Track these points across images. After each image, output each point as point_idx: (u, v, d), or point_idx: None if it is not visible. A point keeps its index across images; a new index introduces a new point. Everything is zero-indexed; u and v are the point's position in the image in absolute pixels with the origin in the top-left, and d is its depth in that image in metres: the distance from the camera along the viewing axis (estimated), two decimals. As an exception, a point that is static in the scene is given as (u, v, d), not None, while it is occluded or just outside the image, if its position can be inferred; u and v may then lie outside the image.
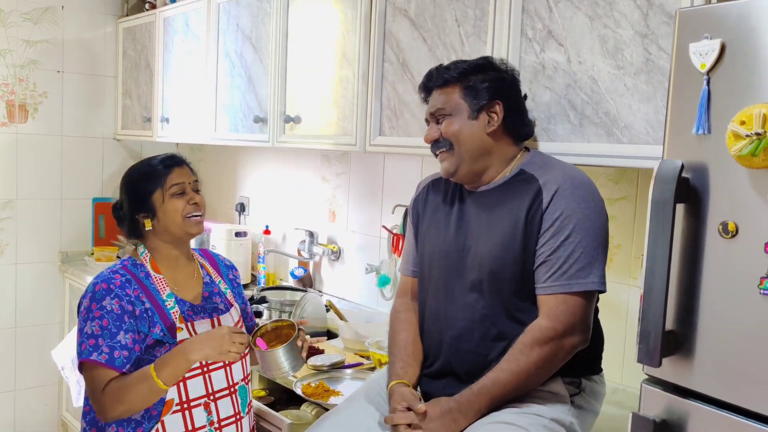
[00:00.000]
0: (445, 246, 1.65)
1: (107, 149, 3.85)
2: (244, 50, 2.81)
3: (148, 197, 1.75)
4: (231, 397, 1.76)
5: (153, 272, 1.74)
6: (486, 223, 1.59)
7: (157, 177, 1.76)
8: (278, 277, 3.30)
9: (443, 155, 1.63)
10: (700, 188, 1.15)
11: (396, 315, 1.77)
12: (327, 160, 3.05)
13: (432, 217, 1.73)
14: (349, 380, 2.13)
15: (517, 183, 1.58)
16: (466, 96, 1.61)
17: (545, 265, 1.49)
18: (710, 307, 1.14)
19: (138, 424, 1.66)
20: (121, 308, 1.64)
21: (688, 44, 1.14)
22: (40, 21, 3.55)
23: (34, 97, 3.57)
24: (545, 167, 1.58)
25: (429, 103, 1.68)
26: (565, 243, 1.47)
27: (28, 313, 3.64)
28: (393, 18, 2.15)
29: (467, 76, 1.62)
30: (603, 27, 1.61)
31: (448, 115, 1.62)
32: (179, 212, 1.75)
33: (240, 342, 1.62)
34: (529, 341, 1.47)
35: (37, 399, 3.68)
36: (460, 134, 1.60)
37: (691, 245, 1.16)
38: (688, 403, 1.17)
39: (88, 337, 1.61)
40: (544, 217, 1.50)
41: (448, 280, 1.63)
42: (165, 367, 1.59)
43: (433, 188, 1.77)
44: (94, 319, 1.62)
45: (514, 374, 1.46)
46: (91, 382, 1.62)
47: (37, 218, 3.63)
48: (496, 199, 1.60)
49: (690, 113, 1.15)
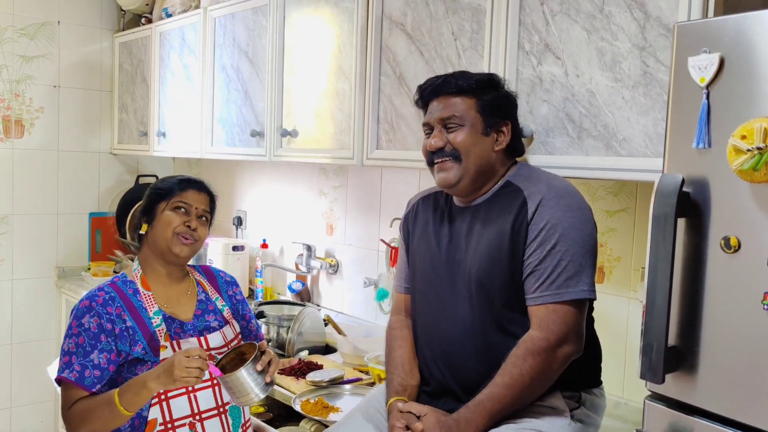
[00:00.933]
0: (435, 261, 1.65)
1: (104, 164, 3.84)
2: (240, 64, 2.81)
3: (154, 204, 1.78)
4: (220, 417, 1.73)
5: (142, 289, 1.73)
6: (474, 238, 1.59)
7: (170, 190, 1.79)
8: (276, 292, 3.28)
9: (446, 165, 1.59)
10: (701, 202, 1.14)
11: (391, 332, 1.77)
12: (324, 173, 3.05)
13: (422, 233, 1.72)
14: (348, 396, 2.11)
15: (503, 196, 1.58)
16: (482, 111, 1.59)
17: (533, 276, 1.48)
18: (713, 323, 1.13)
19: None
20: (99, 326, 1.63)
21: (686, 58, 1.14)
22: (37, 36, 3.55)
23: (30, 112, 3.56)
24: (530, 179, 1.58)
25: (433, 107, 1.63)
26: (552, 252, 1.46)
27: (23, 329, 3.61)
28: (389, 31, 2.15)
29: (483, 90, 1.60)
30: (600, 40, 1.61)
31: (460, 126, 1.58)
32: (171, 226, 1.74)
33: (194, 366, 1.49)
34: (522, 353, 1.45)
35: (33, 416, 3.65)
36: (472, 148, 1.58)
37: (692, 260, 1.15)
38: (692, 419, 1.16)
39: (64, 354, 1.63)
40: (530, 227, 1.49)
41: (438, 295, 1.63)
42: (126, 393, 1.56)
43: (423, 204, 1.77)
44: (71, 336, 1.63)
45: (508, 388, 1.44)
46: (63, 399, 1.64)
47: (33, 233, 3.62)
48: (484, 212, 1.60)
49: (690, 127, 1.14)
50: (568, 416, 1.52)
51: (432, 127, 1.63)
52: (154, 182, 1.89)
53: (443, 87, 1.61)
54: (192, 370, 1.49)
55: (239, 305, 1.92)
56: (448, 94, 1.60)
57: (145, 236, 1.79)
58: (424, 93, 1.66)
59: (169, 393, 1.65)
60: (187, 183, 1.81)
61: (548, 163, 1.70)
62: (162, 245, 1.75)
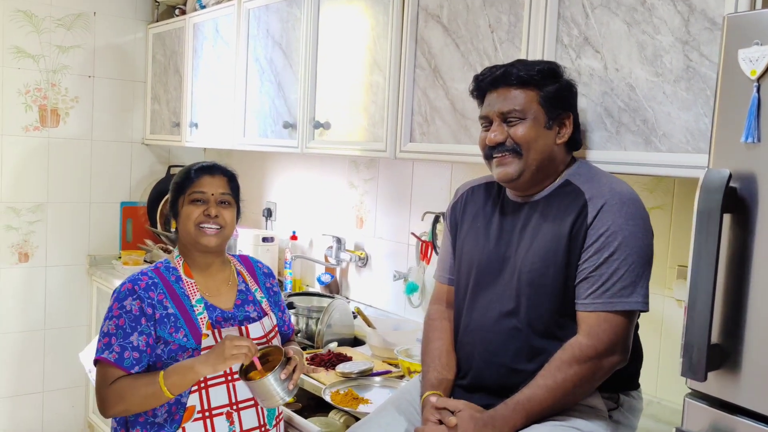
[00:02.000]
0: (485, 256, 1.61)
1: (136, 154, 3.88)
2: (273, 56, 2.82)
3: (176, 199, 1.80)
4: (256, 409, 1.75)
5: (185, 276, 1.74)
6: (528, 235, 1.55)
7: (184, 182, 1.78)
8: (305, 283, 3.29)
9: (506, 159, 1.54)
10: (748, 198, 1.11)
11: (430, 323, 1.75)
12: (355, 166, 3.05)
13: (471, 225, 1.69)
14: (378, 388, 2.11)
15: (563, 195, 1.54)
16: (544, 103, 1.53)
17: (587, 282, 1.45)
18: (759, 321, 1.10)
19: (160, 427, 1.66)
20: (140, 310, 1.64)
21: (736, 50, 1.11)
22: (73, 27, 3.59)
23: (65, 101, 3.61)
24: (592, 180, 1.53)
25: (492, 100, 1.57)
26: (609, 260, 1.43)
27: (56, 316, 3.68)
28: (425, 24, 2.14)
29: (545, 81, 1.54)
30: (641, 33, 1.59)
31: (522, 119, 1.53)
32: (191, 219, 1.74)
33: (243, 344, 1.58)
34: (568, 358, 1.43)
35: (65, 401, 3.71)
36: (534, 142, 1.53)
37: (738, 257, 1.13)
38: (733, 419, 1.13)
39: (104, 336, 1.64)
40: (589, 232, 1.46)
41: (485, 290, 1.60)
42: (173, 376, 1.59)
43: (472, 195, 1.73)
44: (112, 318, 1.64)
45: (550, 391, 1.42)
46: (100, 377, 1.64)
47: (66, 222, 3.67)
48: (541, 210, 1.55)
49: (738, 121, 1.12)
50: (606, 416, 1.51)
51: (491, 120, 1.57)
52: (174, 178, 1.86)
53: (503, 78, 1.55)
54: (242, 347, 1.58)
55: (276, 297, 1.93)
56: (509, 86, 1.55)
57: (176, 231, 1.82)
58: (482, 84, 1.60)
59: (209, 381, 1.66)
60: (199, 170, 1.78)
61: (585, 158, 1.68)
62: (189, 239, 1.77)
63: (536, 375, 1.45)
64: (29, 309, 3.60)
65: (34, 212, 3.57)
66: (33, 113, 3.53)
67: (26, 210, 3.55)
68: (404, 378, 2.16)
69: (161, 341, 1.66)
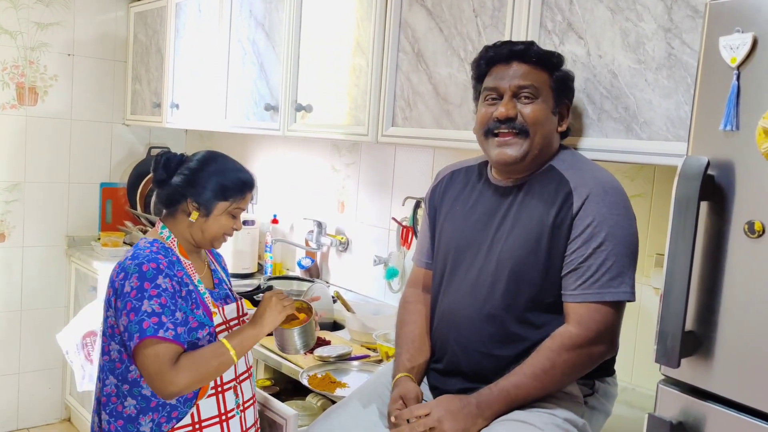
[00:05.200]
0: (463, 240, 1.61)
1: (116, 134, 3.83)
2: (256, 37, 2.78)
3: (214, 199, 1.70)
4: (249, 380, 1.79)
5: (182, 257, 1.72)
6: (509, 221, 1.54)
7: (235, 190, 1.72)
8: (285, 267, 3.28)
9: (512, 138, 1.50)
10: (726, 186, 1.12)
11: (405, 306, 1.74)
12: (337, 150, 3.03)
13: (450, 209, 1.68)
14: (355, 372, 2.11)
15: (545, 181, 1.52)
16: (555, 87, 1.53)
17: (576, 273, 1.44)
18: (732, 308, 1.11)
19: (173, 408, 1.64)
20: (173, 287, 1.61)
21: (717, 38, 1.11)
22: (52, 3, 3.53)
23: (44, 79, 3.55)
24: (575, 168, 1.52)
25: (507, 72, 1.52)
26: (597, 251, 1.42)
27: (33, 297, 3.64)
28: (409, 7, 2.12)
29: (555, 65, 1.54)
30: (625, 20, 1.58)
31: (535, 98, 1.50)
32: (223, 229, 1.74)
33: (285, 298, 1.74)
34: (557, 347, 1.43)
35: (41, 382, 3.68)
36: (542, 126, 1.51)
37: (714, 244, 1.13)
38: (705, 405, 1.14)
39: (150, 315, 1.56)
40: (575, 222, 1.45)
41: (462, 275, 1.59)
42: (240, 342, 1.64)
43: (452, 179, 1.72)
44: (151, 297, 1.58)
45: (537, 379, 1.42)
46: (156, 358, 1.56)
47: (44, 202, 3.62)
48: (523, 195, 1.54)
49: (717, 109, 1.12)
50: (582, 402, 1.52)
51: (500, 93, 1.52)
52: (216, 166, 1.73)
53: (523, 53, 1.51)
54: (286, 300, 1.73)
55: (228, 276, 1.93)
56: (526, 62, 1.51)
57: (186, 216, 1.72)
58: (494, 55, 1.54)
59: None
60: (250, 187, 1.76)
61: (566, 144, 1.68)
62: (205, 240, 1.74)
63: (522, 362, 1.45)
64: (6, 290, 3.56)
65: (10, 191, 3.52)
66: (10, 91, 3.47)
67: (3, 189, 3.50)
68: (382, 362, 2.16)
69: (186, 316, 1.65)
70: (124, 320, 1.58)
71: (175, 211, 1.74)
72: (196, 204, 1.70)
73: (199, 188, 1.70)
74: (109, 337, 1.66)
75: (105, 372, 1.67)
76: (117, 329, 1.63)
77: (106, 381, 1.66)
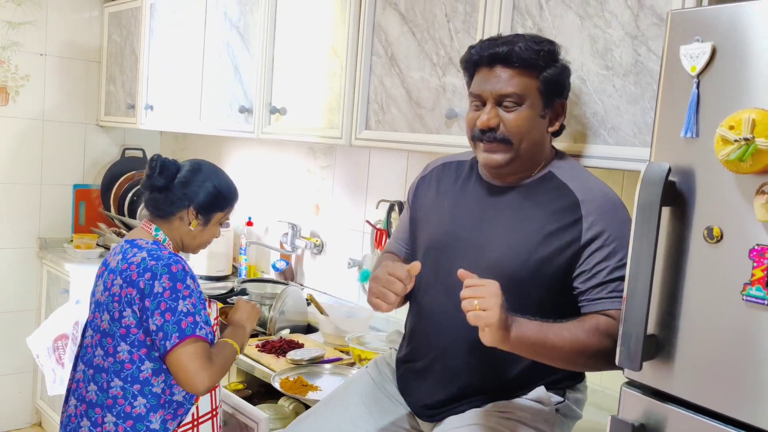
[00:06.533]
0: (450, 237, 1.53)
1: (90, 135, 3.79)
2: (231, 39, 2.77)
3: (215, 209, 1.78)
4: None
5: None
6: (504, 224, 1.47)
7: (231, 200, 1.82)
8: (259, 270, 3.27)
9: (495, 146, 1.45)
10: (687, 192, 1.14)
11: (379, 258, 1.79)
12: (312, 152, 3.03)
13: (434, 203, 1.60)
14: (328, 375, 2.11)
15: (546, 189, 1.47)
16: (542, 90, 1.44)
17: (605, 285, 1.39)
18: (692, 312, 1.13)
19: (179, 405, 1.67)
20: (197, 288, 1.66)
21: (678, 46, 1.13)
22: (24, 3, 3.48)
23: (15, 79, 3.51)
24: (577, 178, 1.47)
25: (489, 78, 1.44)
26: (621, 266, 1.36)
27: (3, 299, 3.58)
28: (383, 11, 2.13)
29: (547, 65, 1.43)
30: (593, 27, 1.60)
31: (518, 105, 1.43)
32: (212, 238, 1.83)
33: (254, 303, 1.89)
34: (591, 328, 1.35)
35: (11, 386, 3.63)
36: (528, 133, 1.44)
37: (675, 249, 1.15)
38: (667, 407, 1.16)
39: (186, 315, 1.60)
40: (597, 237, 1.39)
41: (444, 275, 1.50)
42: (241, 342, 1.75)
43: (444, 171, 1.64)
44: (185, 297, 1.61)
45: (568, 342, 1.33)
46: (195, 356, 1.59)
47: (15, 203, 3.57)
48: (520, 200, 1.48)
49: (679, 116, 1.14)
50: (552, 409, 1.51)
51: (483, 100, 1.46)
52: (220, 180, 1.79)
53: (506, 57, 1.42)
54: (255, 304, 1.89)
55: None
56: (509, 66, 1.42)
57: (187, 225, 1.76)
58: (478, 58, 1.46)
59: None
60: (238, 197, 1.86)
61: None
62: (194, 246, 1.81)
63: (567, 322, 1.37)
64: (-25, 292, 3.51)
65: (-19, 193, 3.47)
66: (-19, 91, 3.42)
67: (-27, 190, 3.45)
68: (355, 365, 2.16)
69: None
70: (158, 320, 1.59)
71: (171, 216, 1.75)
72: (198, 213, 1.75)
73: (202, 198, 1.75)
74: (120, 338, 1.63)
75: (109, 374, 1.64)
76: (134, 329, 1.62)
77: (111, 384, 1.63)
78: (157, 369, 1.63)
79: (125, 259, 1.66)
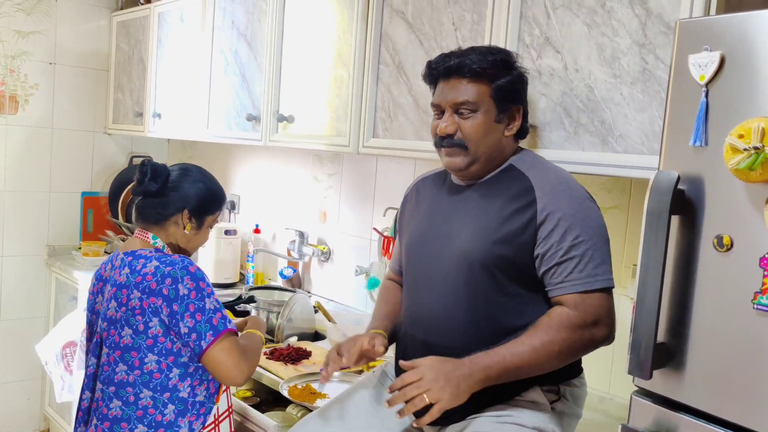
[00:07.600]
0: (423, 238, 1.62)
1: (98, 143, 3.82)
2: (238, 47, 2.79)
3: (207, 211, 1.82)
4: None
5: None
6: (466, 214, 1.55)
7: (220, 203, 1.86)
8: (267, 277, 3.28)
9: (453, 151, 1.55)
10: (696, 200, 1.14)
11: (381, 289, 1.85)
12: (319, 160, 3.04)
13: (414, 212, 1.71)
14: (336, 383, 2.11)
15: (505, 178, 1.55)
16: (495, 96, 1.52)
17: (560, 267, 1.43)
18: (703, 321, 1.13)
19: (202, 405, 1.69)
20: (211, 287, 1.70)
21: (687, 55, 1.13)
22: (33, 12, 3.51)
23: (24, 88, 3.53)
24: (536, 167, 1.55)
25: (445, 89, 1.56)
26: (577, 243, 1.42)
27: (12, 307, 3.60)
28: (390, 19, 2.14)
29: (499, 73, 1.52)
30: (601, 35, 1.61)
31: (473, 112, 1.53)
32: (204, 241, 1.87)
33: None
34: (556, 324, 1.41)
35: (20, 393, 3.64)
36: (483, 138, 1.53)
37: (685, 257, 1.15)
38: (677, 416, 1.16)
39: (215, 312, 1.63)
40: (542, 218, 1.45)
41: (424, 272, 1.59)
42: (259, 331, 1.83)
43: (423, 184, 1.75)
44: (209, 295, 1.65)
45: (535, 351, 1.39)
46: (232, 349, 1.63)
47: (24, 211, 3.60)
48: (482, 191, 1.56)
49: (687, 125, 1.14)
50: (549, 409, 1.50)
51: (442, 109, 1.57)
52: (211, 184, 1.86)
53: (457, 69, 1.53)
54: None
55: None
56: (462, 77, 1.53)
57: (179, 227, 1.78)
58: (435, 71, 1.58)
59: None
60: (226, 200, 1.92)
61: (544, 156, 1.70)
62: (190, 244, 1.83)
63: (519, 334, 1.42)
64: (-16, 299, 3.53)
65: (-10, 200, 3.49)
66: (-10, 99, 3.45)
67: (-18, 198, 3.48)
68: (362, 373, 2.16)
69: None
70: (189, 322, 1.61)
71: (165, 221, 1.77)
72: (191, 216, 1.77)
73: (195, 201, 1.78)
74: (147, 349, 1.63)
75: (136, 387, 1.64)
76: (161, 338, 1.63)
77: (139, 395, 1.64)
78: (183, 374, 1.66)
79: (136, 272, 1.65)
